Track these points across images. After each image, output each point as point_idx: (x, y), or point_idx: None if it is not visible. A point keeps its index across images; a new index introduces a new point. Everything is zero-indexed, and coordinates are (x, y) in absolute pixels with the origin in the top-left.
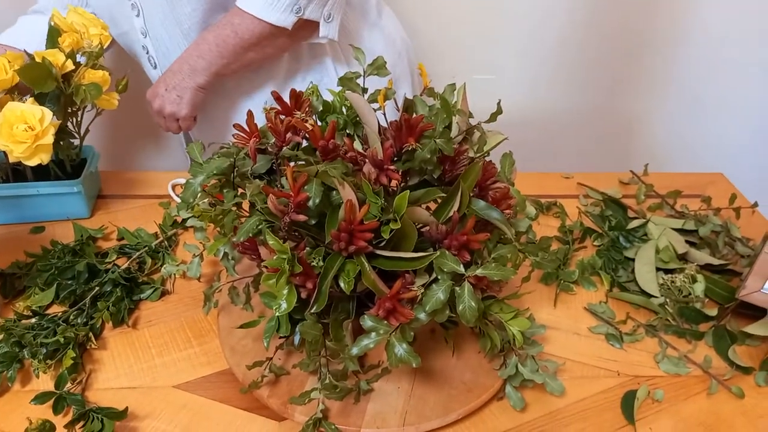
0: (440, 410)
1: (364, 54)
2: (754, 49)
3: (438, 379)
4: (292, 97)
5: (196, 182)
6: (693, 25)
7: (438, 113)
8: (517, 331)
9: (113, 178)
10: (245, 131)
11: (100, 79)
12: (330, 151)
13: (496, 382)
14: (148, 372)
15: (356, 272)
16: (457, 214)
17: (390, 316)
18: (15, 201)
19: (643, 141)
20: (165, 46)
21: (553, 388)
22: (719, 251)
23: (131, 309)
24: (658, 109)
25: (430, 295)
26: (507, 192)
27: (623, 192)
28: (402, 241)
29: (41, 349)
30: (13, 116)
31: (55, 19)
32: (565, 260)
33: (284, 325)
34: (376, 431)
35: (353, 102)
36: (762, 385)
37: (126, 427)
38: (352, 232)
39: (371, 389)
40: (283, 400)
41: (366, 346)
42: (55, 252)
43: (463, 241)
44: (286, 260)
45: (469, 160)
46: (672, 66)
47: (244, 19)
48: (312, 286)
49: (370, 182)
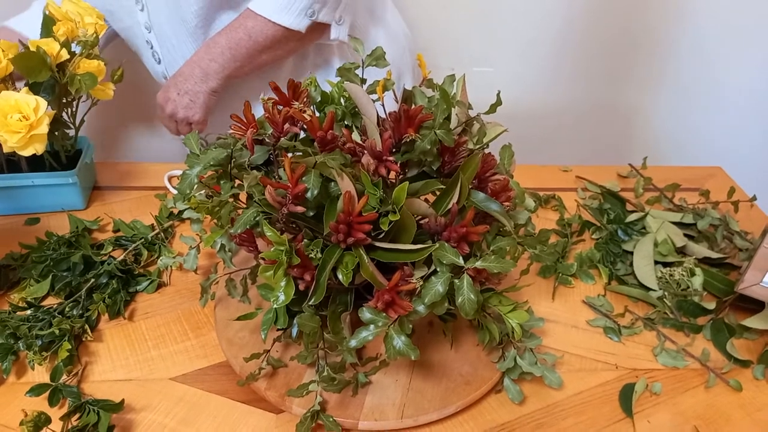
0: (438, 403)
1: (362, 45)
2: (752, 43)
3: (436, 371)
4: (290, 87)
5: (193, 173)
6: (691, 18)
7: (438, 104)
8: (516, 324)
9: (109, 170)
10: (242, 122)
11: (95, 68)
12: (328, 142)
13: (494, 374)
14: (144, 364)
15: (355, 264)
16: (457, 206)
17: (389, 309)
18: (9, 192)
19: (642, 134)
20: (170, 43)
21: (552, 380)
22: (717, 245)
23: (127, 301)
24: (656, 103)
25: (429, 287)
26: (506, 184)
27: (622, 185)
28: (401, 233)
29: (36, 341)
30: (7, 106)
31: (50, 8)
32: (563, 253)
33: (282, 317)
34: (374, 423)
35: (352, 93)
36: (760, 378)
37: (122, 420)
38: (351, 223)
39: (369, 382)
40: (281, 392)
41: (365, 338)
42: (51, 243)
43: (462, 233)
44: (283, 252)
45: (468, 151)
46: (670, 59)
47: (258, 22)
48: (310, 278)
49: (369, 173)
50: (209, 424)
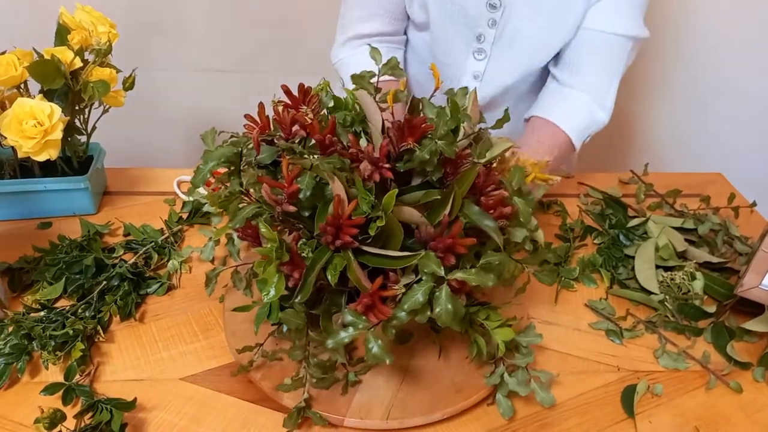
0: (426, 408)
1: (380, 54)
2: (753, 50)
3: (428, 377)
4: (300, 91)
5: (206, 168)
6: (692, 25)
7: (441, 115)
8: (501, 341)
9: (119, 175)
10: (255, 122)
11: (108, 76)
12: (327, 146)
13: (487, 386)
14: (155, 365)
15: (343, 266)
16: (448, 218)
17: (368, 312)
18: (23, 197)
19: (643, 141)
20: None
21: (544, 398)
22: (718, 249)
23: (138, 303)
24: (657, 110)
25: (410, 294)
26: (501, 199)
27: (623, 191)
28: (390, 240)
29: (50, 341)
30: (22, 112)
31: (64, 17)
32: (565, 258)
33: (275, 311)
34: (359, 422)
35: (360, 99)
36: (759, 380)
37: (134, 418)
38: (340, 226)
39: (359, 381)
40: (275, 384)
41: (341, 340)
42: (63, 247)
43: (448, 244)
44: (274, 249)
45: (472, 165)
46: (672, 67)
47: (561, 137)
48: (298, 276)
49: (364, 179)
50: (219, 422)
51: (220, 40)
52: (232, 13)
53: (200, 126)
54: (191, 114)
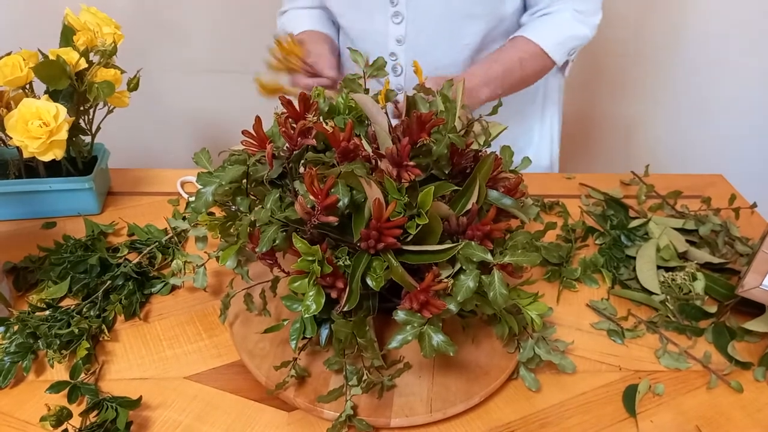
0: (463, 395)
1: (363, 56)
2: (753, 52)
3: (456, 366)
4: (302, 101)
5: (208, 191)
6: (693, 27)
7: (449, 108)
8: (536, 315)
9: (123, 175)
10: (256, 138)
11: (113, 77)
12: (350, 152)
13: (509, 363)
14: (159, 363)
15: (383, 269)
16: (476, 206)
17: (423, 309)
18: (28, 197)
19: (644, 143)
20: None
21: (565, 366)
22: (719, 250)
23: (142, 302)
24: (658, 112)
25: (460, 284)
26: (519, 182)
27: (624, 192)
28: (427, 236)
29: (55, 340)
30: (28, 112)
31: (69, 18)
32: (567, 258)
33: (310, 326)
34: (405, 420)
35: (361, 103)
36: (760, 380)
37: (139, 417)
38: (381, 229)
39: (394, 385)
40: (311, 398)
41: (404, 339)
42: (68, 246)
43: (486, 231)
44: (315, 262)
45: (473, 152)
46: (672, 68)
47: (534, 54)
48: (343, 285)
49: (392, 179)
50: (223, 420)
51: (224, 41)
52: (236, 14)
53: (204, 127)
54: (195, 115)
